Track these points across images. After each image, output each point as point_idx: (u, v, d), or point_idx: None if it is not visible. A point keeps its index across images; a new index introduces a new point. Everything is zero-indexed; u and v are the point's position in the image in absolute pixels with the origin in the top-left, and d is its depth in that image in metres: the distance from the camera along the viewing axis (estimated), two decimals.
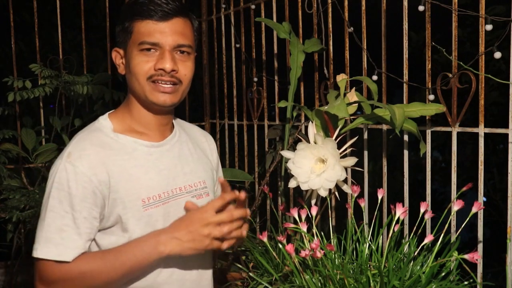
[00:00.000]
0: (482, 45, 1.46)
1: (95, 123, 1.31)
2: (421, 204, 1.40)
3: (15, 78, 2.35)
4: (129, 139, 1.28)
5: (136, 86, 1.26)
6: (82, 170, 1.18)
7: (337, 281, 1.28)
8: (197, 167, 1.38)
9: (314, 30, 1.97)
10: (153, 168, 1.28)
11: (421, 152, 1.57)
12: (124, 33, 1.26)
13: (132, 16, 1.25)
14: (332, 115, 1.53)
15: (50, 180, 1.20)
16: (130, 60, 1.25)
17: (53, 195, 1.18)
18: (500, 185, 4.04)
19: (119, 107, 1.36)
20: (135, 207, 1.23)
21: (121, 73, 1.31)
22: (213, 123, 2.75)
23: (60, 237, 1.16)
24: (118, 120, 1.31)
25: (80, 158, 1.19)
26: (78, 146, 1.22)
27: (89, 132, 1.27)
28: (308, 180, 1.42)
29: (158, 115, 1.32)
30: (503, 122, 1.48)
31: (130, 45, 1.25)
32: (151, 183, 1.26)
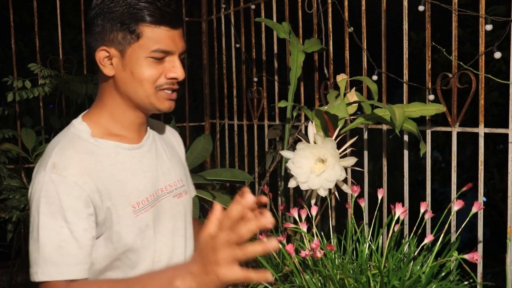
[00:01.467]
0: (482, 45, 1.46)
1: (70, 128, 1.22)
2: (421, 204, 1.40)
3: (15, 78, 2.35)
4: (110, 143, 1.21)
5: (140, 93, 1.19)
6: (71, 179, 1.10)
7: (337, 281, 1.28)
8: (173, 165, 1.34)
9: (314, 30, 1.97)
10: (139, 171, 1.23)
11: (421, 152, 1.57)
12: (125, 34, 1.16)
13: (140, 19, 1.15)
14: (332, 115, 1.53)
15: (35, 196, 1.10)
16: (134, 65, 1.17)
17: (43, 211, 1.08)
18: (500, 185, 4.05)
19: (93, 108, 1.26)
20: (127, 214, 1.17)
21: (108, 74, 1.19)
22: (213, 123, 2.75)
23: (60, 255, 1.08)
24: (94, 123, 1.22)
25: (67, 167, 1.11)
26: (62, 155, 1.13)
27: (69, 140, 1.18)
28: (308, 180, 1.42)
29: (142, 118, 1.26)
30: (503, 122, 1.48)
31: (135, 48, 1.17)
32: (140, 187, 1.21)
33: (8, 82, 2.34)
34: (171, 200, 1.29)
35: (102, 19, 1.17)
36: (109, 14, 1.16)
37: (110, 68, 1.19)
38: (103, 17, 1.17)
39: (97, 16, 1.17)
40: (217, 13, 2.61)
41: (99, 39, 1.18)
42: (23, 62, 2.51)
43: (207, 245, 0.89)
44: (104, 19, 1.17)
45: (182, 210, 1.31)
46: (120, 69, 1.19)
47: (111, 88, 1.22)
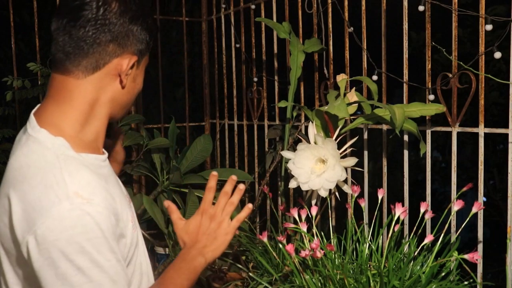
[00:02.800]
0: (482, 45, 1.46)
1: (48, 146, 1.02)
2: (421, 204, 1.40)
3: (15, 78, 2.35)
4: (91, 156, 1.07)
5: (131, 102, 1.15)
6: (102, 206, 0.98)
7: (337, 281, 1.28)
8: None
9: (314, 30, 1.97)
10: (117, 183, 1.16)
11: (421, 152, 1.57)
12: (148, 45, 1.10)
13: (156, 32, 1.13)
14: (332, 115, 1.53)
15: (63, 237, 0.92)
16: (139, 76, 1.13)
17: (84, 249, 0.94)
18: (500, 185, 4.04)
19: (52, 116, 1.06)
20: (129, 231, 1.10)
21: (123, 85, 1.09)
22: (213, 123, 2.75)
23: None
24: (66, 136, 1.05)
25: (94, 194, 0.98)
26: (79, 180, 0.98)
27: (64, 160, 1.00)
28: (309, 181, 1.42)
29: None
30: (503, 122, 1.48)
31: (145, 60, 1.12)
32: (124, 200, 1.12)
33: (8, 82, 2.34)
34: (130, 205, 1.21)
35: (138, 26, 1.06)
36: (144, 23, 1.07)
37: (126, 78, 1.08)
38: (139, 24, 1.06)
39: (131, 21, 1.04)
40: (217, 13, 2.61)
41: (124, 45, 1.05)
42: (23, 62, 2.51)
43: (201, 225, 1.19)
44: (140, 26, 1.07)
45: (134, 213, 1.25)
46: (130, 80, 1.10)
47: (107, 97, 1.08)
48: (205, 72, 2.79)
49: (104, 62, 1.05)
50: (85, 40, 1.02)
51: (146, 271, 1.22)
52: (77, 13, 1.02)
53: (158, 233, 2.20)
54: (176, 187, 2.15)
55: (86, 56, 1.04)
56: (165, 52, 3.60)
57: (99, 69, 1.05)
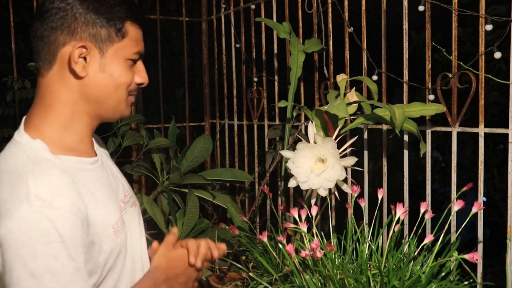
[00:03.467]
0: (482, 45, 1.46)
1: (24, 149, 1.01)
2: (421, 204, 1.40)
3: (15, 78, 2.35)
4: (72, 159, 1.05)
5: (112, 97, 1.07)
6: (66, 209, 0.94)
7: (337, 281, 1.28)
8: (120, 175, 1.25)
9: (314, 30, 1.97)
10: (106, 187, 1.11)
11: (421, 152, 1.57)
12: (109, 31, 1.03)
13: (126, 16, 1.05)
14: (332, 115, 1.53)
15: (21, 239, 0.90)
16: (112, 66, 1.05)
17: (39, 253, 0.90)
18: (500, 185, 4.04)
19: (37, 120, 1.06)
20: (110, 237, 1.05)
21: (80, 75, 1.03)
22: (213, 123, 2.75)
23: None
24: (47, 138, 1.03)
25: (57, 197, 0.95)
26: (43, 183, 0.95)
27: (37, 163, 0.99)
28: (308, 180, 1.42)
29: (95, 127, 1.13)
30: (503, 122, 1.48)
31: (118, 48, 1.05)
32: (111, 205, 1.10)
33: (8, 82, 2.34)
34: (130, 210, 1.20)
35: (81, 10, 1.01)
36: (94, 6, 1.02)
37: (82, 68, 1.03)
38: (84, 8, 1.01)
39: (73, 6, 1.01)
40: (217, 13, 2.61)
41: (72, 32, 1.01)
42: (23, 62, 2.51)
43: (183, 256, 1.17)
44: (85, 11, 1.01)
45: (137, 219, 1.24)
46: (96, 69, 1.04)
47: (73, 92, 1.05)
48: (205, 72, 2.79)
49: (55, 52, 1.03)
50: (40, 36, 1.03)
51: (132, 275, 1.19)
52: (34, 16, 1.05)
53: (158, 233, 2.20)
54: (176, 187, 2.15)
55: (42, 51, 1.04)
56: (165, 52, 3.60)
57: (54, 62, 1.04)
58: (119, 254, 1.09)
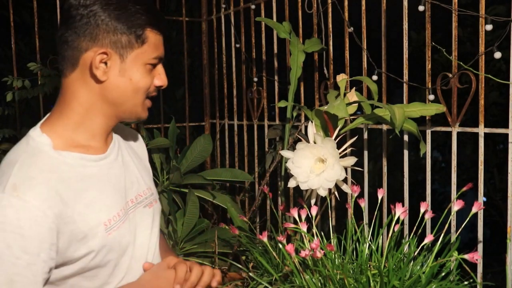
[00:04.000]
0: (482, 45, 1.46)
1: (29, 141, 1.08)
2: (421, 204, 1.40)
3: (15, 78, 2.35)
4: (74, 155, 1.09)
5: (131, 101, 1.12)
6: (34, 204, 0.97)
7: (337, 281, 1.28)
8: (140, 173, 1.27)
9: (314, 30, 1.97)
10: (107, 184, 1.13)
11: (421, 152, 1.56)
12: (130, 37, 1.08)
13: (146, 23, 1.10)
14: (331, 115, 1.53)
15: None
16: (132, 71, 1.10)
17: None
18: (500, 185, 4.04)
19: (54, 117, 1.14)
20: (99, 234, 1.07)
21: (101, 79, 1.09)
22: (213, 123, 2.75)
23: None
24: (55, 134, 1.10)
25: (29, 190, 0.98)
26: (23, 175, 1.00)
27: (30, 156, 1.05)
28: (308, 180, 1.42)
29: (112, 125, 1.18)
30: (503, 122, 1.48)
31: (138, 54, 1.10)
32: (109, 202, 1.12)
33: (8, 82, 2.34)
34: (142, 211, 1.22)
35: (103, 18, 1.06)
36: (115, 14, 1.07)
37: (103, 72, 1.09)
38: (106, 16, 1.07)
39: (95, 14, 1.06)
40: (217, 13, 2.61)
41: (94, 38, 1.07)
42: (23, 62, 2.51)
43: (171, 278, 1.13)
44: (107, 18, 1.07)
45: (150, 220, 1.25)
46: (115, 74, 1.10)
47: (93, 94, 1.11)
48: (205, 72, 2.79)
49: (78, 57, 1.10)
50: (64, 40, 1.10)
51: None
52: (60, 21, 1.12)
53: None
54: (176, 187, 2.15)
55: (66, 54, 1.11)
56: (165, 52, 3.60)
57: (77, 65, 1.10)
58: (110, 251, 1.10)
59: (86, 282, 1.09)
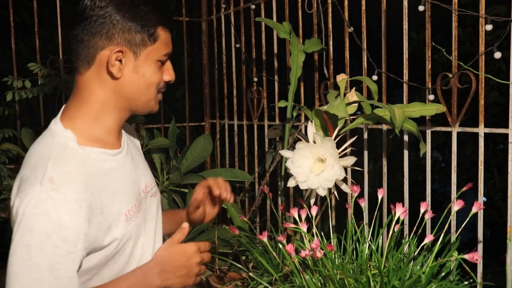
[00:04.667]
0: (482, 45, 1.46)
1: (53, 136, 1.14)
2: (421, 204, 1.40)
3: (15, 78, 2.35)
4: (96, 150, 1.15)
5: (143, 96, 1.18)
6: (72, 196, 1.04)
7: (337, 281, 1.28)
8: (144, 166, 1.35)
9: (314, 30, 1.97)
10: (124, 177, 1.20)
11: (421, 152, 1.56)
12: (143, 36, 1.14)
13: (158, 22, 1.15)
14: (331, 115, 1.53)
15: (27, 212, 1.01)
16: (144, 67, 1.15)
17: (36, 229, 1.01)
18: (500, 185, 4.04)
19: (72, 111, 1.18)
20: (120, 224, 1.14)
21: (117, 76, 1.14)
22: (213, 123, 2.75)
23: (54, 278, 1.01)
24: (77, 129, 1.15)
25: (66, 184, 1.05)
26: (59, 169, 1.06)
27: (61, 151, 1.10)
28: (307, 180, 1.42)
29: (124, 120, 1.24)
30: (503, 122, 1.48)
31: (150, 51, 1.15)
32: (127, 194, 1.19)
33: (8, 82, 2.34)
34: (150, 200, 1.30)
35: (118, 18, 1.11)
36: (129, 14, 1.12)
37: (119, 70, 1.14)
38: (121, 16, 1.12)
39: (110, 15, 1.11)
40: (217, 13, 2.61)
41: (110, 38, 1.12)
42: (23, 62, 2.51)
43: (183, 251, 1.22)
44: (122, 19, 1.12)
45: (155, 209, 1.32)
46: (130, 71, 1.15)
47: (108, 90, 1.16)
48: (205, 72, 2.79)
49: (94, 55, 1.14)
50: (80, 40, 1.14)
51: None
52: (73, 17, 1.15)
53: None
54: (176, 187, 2.15)
55: (82, 53, 1.15)
56: None
57: (93, 63, 1.15)
58: (129, 240, 1.17)
59: (106, 269, 1.16)
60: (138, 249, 1.22)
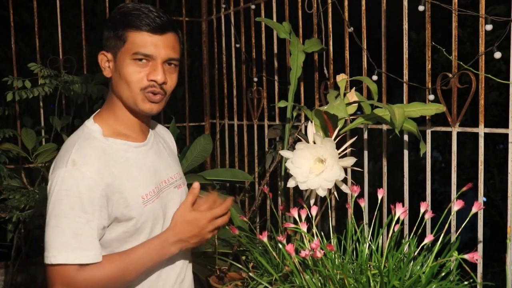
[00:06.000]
0: (482, 45, 1.46)
1: (83, 128, 1.35)
2: (421, 204, 1.40)
3: (15, 78, 2.35)
4: (119, 142, 1.35)
5: (127, 93, 1.32)
6: (89, 175, 1.24)
7: (337, 281, 1.28)
8: (171, 161, 1.51)
9: (314, 30, 1.97)
10: (144, 166, 1.37)
11: (421, 152, 1.56)
12: (116, 40, 1.31)
13: (126, 26, 1.29)
14: (331, 115, 1.53)
15: (56, 188, 1.24)
16: (121, 67, 1.30)
17: (62, 202, 1.22)
18: (500, 185, 4.04)
19: (103, 109, 1.40)
20: (137, 205, 1.31)
21: (107, 76, 1.35)
22: (213, 123, 2.75)
23: (77, 241, 1.21)
24: (104, 124, 1.36)
25: (86, 164, 1.25)
26: (80, 153, 1.27)
27: (85, 139, 1.31)
28: (307, 180, 1.42)
29: (140, 118, 1.39)
30: (503, 122, 1.48)
31: (122, 52, 1.30)
32: (146, 180, 1.36)
33: (8, 82, 2.34)
34: (173, 191, 1.44)
35: (105, 28, 1.34)
36: (108, 23, 1.33)
37: (108, 70, 1.35)
38: (106, 26, 1.34)
39: (105, 26, 1.34)
40: (217, 13, 2.61)
41: (103, 45, 1.34)
42: (23, 62, 2.51)
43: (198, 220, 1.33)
44: (106, 28, 1.33)
45: (179, 199, 1.45)
46: (113, 71, 1.33)
47: (111, 90, 1.36)
48: (205, 72, 2.79)
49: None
50: None
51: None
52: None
53: None
54: None
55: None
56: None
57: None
58: (146, 221, 1.33)
59: (127, 245, 1.32)
60: (157, 230, 1.36)
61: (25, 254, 2.48)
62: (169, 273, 1.41)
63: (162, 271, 1.39)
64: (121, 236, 1.32)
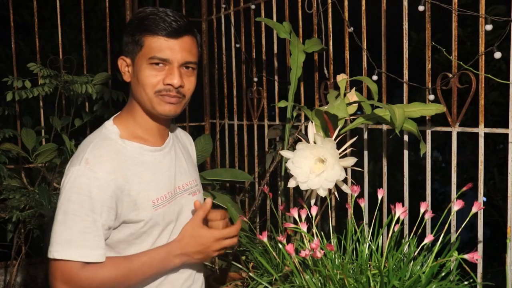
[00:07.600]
0: (482, 45, 1.46)
1: (102, 129, 1.37)
2: (421, 204, 1.40)
3: (15, 78, 2.35)
4: (135, 145, 1.36)
5: (144, 97, 1.33)
6: (102, 175, 1.25)
7: (337, 281, 1.28)
8: (188, 167, 1.51)
9: (314, 30, 1.97)
10: (158, 171, 1.38)
11: (421, 152, 1.56)
12: (133, 45, 1.33)
13: (143, 30, 1.31)
14: (332, 115, 1.53)
15: (67, 185, 1.26)
16: (138, 71, 1.32)
17: (72, 199, 1.24)
18: (500, 185, 4.04)
19: (122, 112, 1.42)
20: (147, 208, 1.32)
21: (126, 80, 1.38)
22: (213, 123, 2.75)
23: (83, 239, 1.23)
24: (123, 126, 1.38)
25: (99, 164, 1.26)
26: (94, 152, 1.29)
27: (101, 140, 1.33)
28: (307, 180, 1.42)
29: (159, 122, 1.41)
30: (503, 122, 1.48)
31: (140, 57, 1.32)
32: (159, 185, 1.36)
33: (8, 82, 2.34)
34: (187, 197, 1.45)
35: (124, 33, 1.36)
36: (127, 29, 1.35)
37: (128, 75, 1.37)
38: (124, 31, 1.36)
39: (124, 31, 1.37)
40: (217, 13, 2.61)
41: (123, 50, 1.37)
42: (23, 62, 2.51)
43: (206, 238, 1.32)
44: (125, 33, 1.36)
45: (193, 206, 1.43)
46: (132, 76, 1.36)
47: (131, 94, 1.39)
48: (205, 72, 2.79)
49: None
50: None
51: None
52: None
53: None
54: None
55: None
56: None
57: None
58: (155, 225, 1.34)
59: (133, 248, 1.33)
60: (165, 235, 1.37)
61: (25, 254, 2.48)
62: (176, 277, 1.41)
63: (169, 275, 1.39)
64: (129, 238, 1.32)
